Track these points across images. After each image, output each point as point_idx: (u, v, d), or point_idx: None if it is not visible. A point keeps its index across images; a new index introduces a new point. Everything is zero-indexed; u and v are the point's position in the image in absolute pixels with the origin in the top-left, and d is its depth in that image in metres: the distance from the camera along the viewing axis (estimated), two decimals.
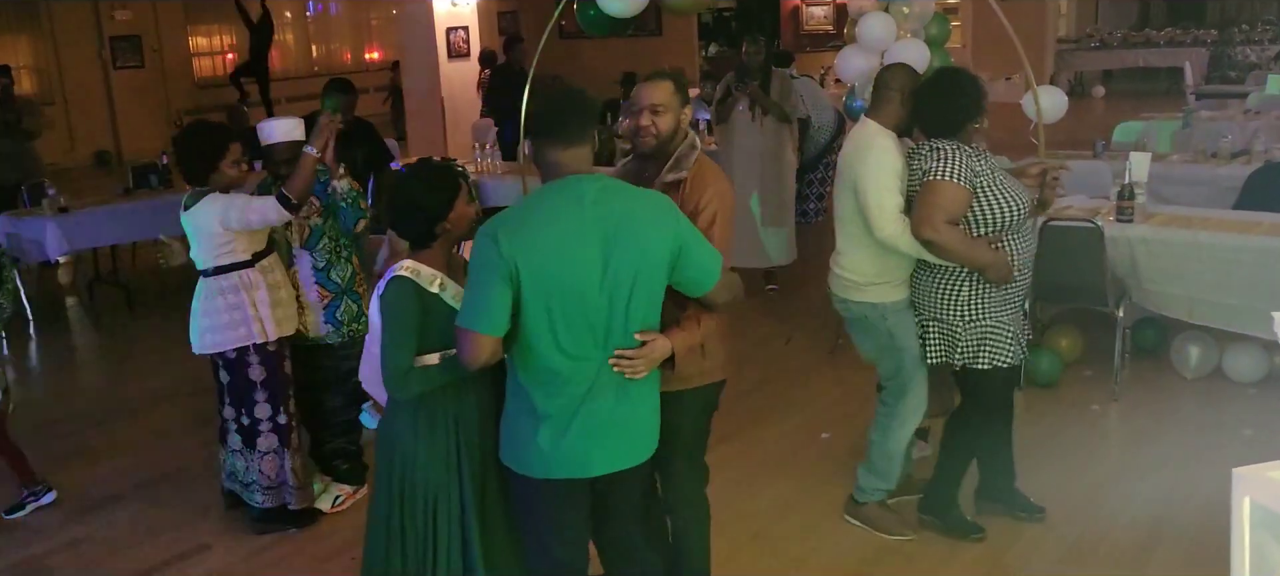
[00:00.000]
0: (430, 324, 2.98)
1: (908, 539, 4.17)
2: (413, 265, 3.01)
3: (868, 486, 4.23)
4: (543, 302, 2.67)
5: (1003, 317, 3.86)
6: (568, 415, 2.76)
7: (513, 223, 2.70)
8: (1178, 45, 17.91)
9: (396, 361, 2.95)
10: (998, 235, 3.76)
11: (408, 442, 3.06)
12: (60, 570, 4.38)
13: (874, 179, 3.81)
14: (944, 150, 3.73)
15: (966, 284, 3.81)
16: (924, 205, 3.72)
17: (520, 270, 2.63)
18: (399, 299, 2.97)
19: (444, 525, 3.09)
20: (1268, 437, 4.85)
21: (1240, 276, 5.13)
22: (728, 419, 5.31)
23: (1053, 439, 5.05)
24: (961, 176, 3.69)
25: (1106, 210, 5.77)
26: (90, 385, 6.71)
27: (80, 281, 9.04)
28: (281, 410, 4.35)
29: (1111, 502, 4.40)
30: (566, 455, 2.79)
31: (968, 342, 3.86)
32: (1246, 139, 7.78)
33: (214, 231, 4.13)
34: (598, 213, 2.70)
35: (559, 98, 2.89)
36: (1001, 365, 3.87)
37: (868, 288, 3.97)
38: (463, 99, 12.37)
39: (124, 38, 16.99)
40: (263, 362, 4.28)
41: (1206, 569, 3.71)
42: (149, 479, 5.14)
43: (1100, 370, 5.66)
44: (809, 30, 20.10)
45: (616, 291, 2.71)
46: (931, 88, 3.87)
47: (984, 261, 3.74)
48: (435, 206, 3.02)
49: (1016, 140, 8.75)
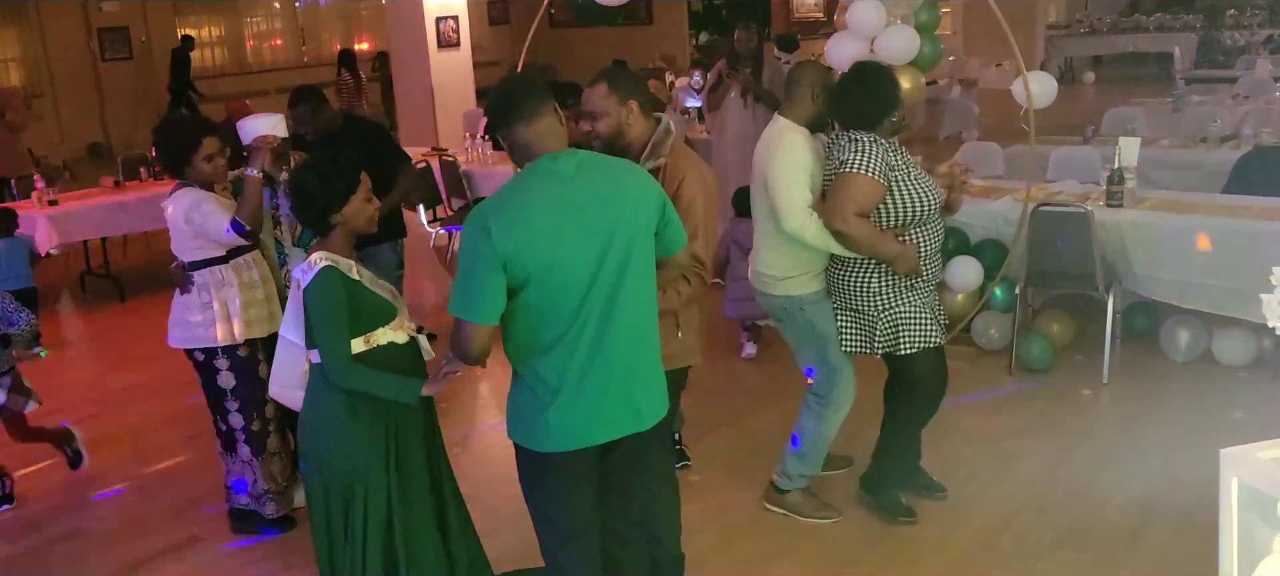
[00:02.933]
0: (355, 309, 3.10)
1: (830, 521, 4.23)
2: (327, 254, 3.11)
3: (794, 472, 4.29)
4: (538, 283, 2.69)
5: (917, 301, 3.94)
6: (579, 384, 2.77)
7: (498, 209, 2.71)
8: (1167, 30, 17.96)
9: (338, 348, 3.07)
10: (902, 227, 3.85)
11: (338, 430, 3.13)
12: (52, 563, 4.38)
13: (781, 175, 3.91)
14: (862, 143, 3.81)
15: (877, 274, 3.90)
16: (836, 196, 3.81)
17: (511, 255, 2.65)
18: (329, 288, 3.07)
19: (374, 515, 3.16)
20: (1257, 419, 4.88)
21: (1229, 260, 5.15)
22: (720, 405, 5.36)
23: (1044, 423, 5.07)
24: (876, 170, 3.78)
25: (1096, 195, 5.79)
26: (81, 378, 6.69)
27: (71, 274, 9.03)
28: (255, 417, 4.25)
29: (1103, 485, 4.42)
30: (581, 423, 2.81)
31: (884, 330, 3.93)
32: (1235, 123, 7.80)
33: (180, 226, 4.08)
34: (580, 186, 2.74)
35: (502, 83, 2.96)
36: (927, 346, 3.95)
37: (785, 281, 4.05)
38: (453, 89, 12.36)
39: (112, 29, 16.93)
40: (232, 368, 4.18)
41: (1197, 549, 3.73)
42: (140, 471, 5.14)
43: (1091, 354, 5.69)
44: (799, 17, 20.09)
45: (613, 259, 2.74)
46: (849, 82, 3.97)
47: (891, 254, 3.82)
48: (327, 199, 3.13)
49: (1007, 126, 8.77)
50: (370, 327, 3.14)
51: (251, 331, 4.17)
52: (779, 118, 4.06)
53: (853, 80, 3.95)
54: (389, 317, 3.21)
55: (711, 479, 4.67)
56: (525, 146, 2.78)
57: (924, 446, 4.39)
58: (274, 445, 4.33)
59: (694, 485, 4.58)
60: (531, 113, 2.77)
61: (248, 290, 4.16)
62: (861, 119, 3.85)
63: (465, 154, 8.98)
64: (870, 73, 3.97)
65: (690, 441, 4.88)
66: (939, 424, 5.07)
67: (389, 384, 3.11)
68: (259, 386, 4.19)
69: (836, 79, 4.11)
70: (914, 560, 3.98)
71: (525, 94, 2.80)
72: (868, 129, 3.84)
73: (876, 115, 3.84)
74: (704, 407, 5.16)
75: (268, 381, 4.19)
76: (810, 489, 4.33)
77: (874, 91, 3.86)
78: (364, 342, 3.13)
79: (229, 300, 4.12)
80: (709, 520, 4.29)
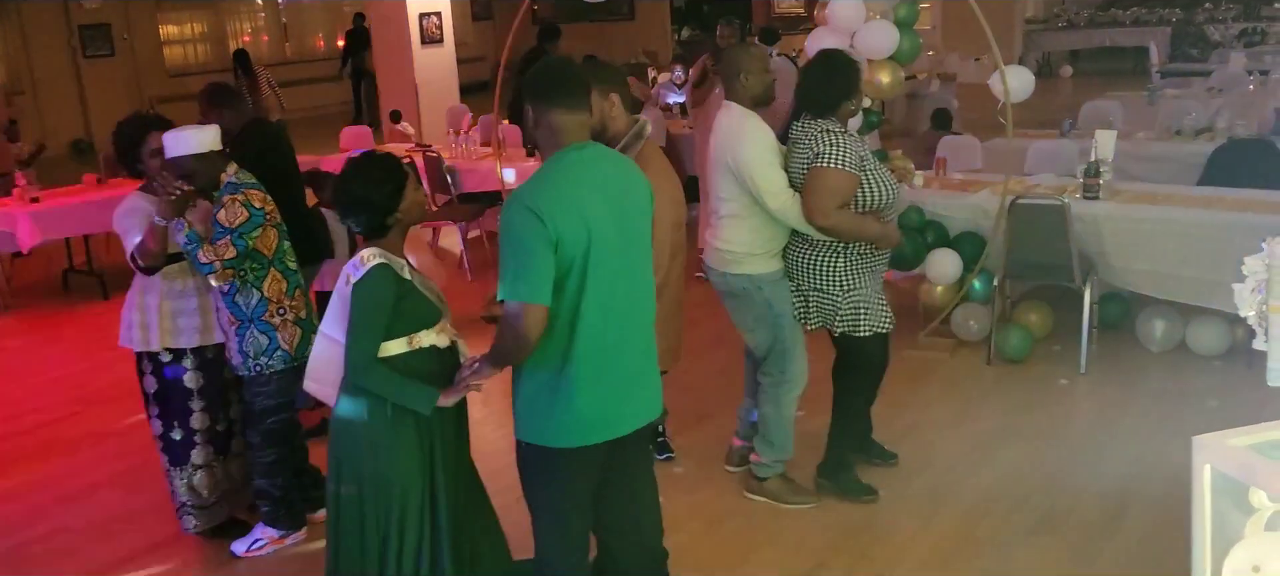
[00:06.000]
0: (404, 310, 3.05)
1: (808, 506, 4.30)
2: (381, 252, 3.05)
3: (767, 458, 4.37)
4: (581, 265, 2.72)
5: (874, 286, 4.12)
6: (598, 375, 2.80)
7: (541, 191, 2.73)
8: (1143, 25, 18.09)
9: (364, 347, 3.00)
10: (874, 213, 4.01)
11: (375, 432, 3.06)
12: (39, 559, 4.38)
13: (756, 160, 4.01)
14: (833, 136, 3.93)
15: (841, 256, 4.03)
16: (816, 193, 3.91)
17: (563, 233, 2.67)
18: (380, 285, 3.01)
19: (413, 519, 3.11)
20: (1232, 407, 4.95)
21: (1204, 251, 5.22)
22: (701, 399, 5.39)
23: (1022, 413, 5.13)
24: (850, 162, 3.91)
25: (1073, 188, 5.85)
26: (64, 375, 6.68)
27: (54, 271, 8.99)
28: (175, 426, 4.14)
29: (1080, 474, 4.49)
30: (601, 415, 2.84)
31: (846, 311, 4.07)
32: (1210, 116, 7.89)
33: (116, 227, 4.03)
34: (605, 172, 2.82)
35: (562, 64, 2.99)
36: (879, 331, 4.12)
37: (745, 260, 4.14)
38: (437, 85, 12.32)
39: (93, 27, 16.81)
40: (154, 372, 4.12)
41: (1173, 535, 3.76)
42: (126, 468, 5.13)
43: (1068, 345, 5.75)
44: (780, 13, 20.14)
45: (632, 246, 2.83)
46: (808, 68, 4.12)
47: (874, 234, 4.01)
48: (382, 199, 3.07)
49: (986, 120, 8.83)
50: (415, 329, 3.10)
51: (177, 341, 4.07)
52: (731, 105, 4.16)
53: (812, 67, 4.12)
54: (434, 321, 3.16)
55: (695, 471, 4.71)
56: (557, 130, 2.80)
57: (902, 438, 4.46)
58: (202, 457, 4.19)
59: (677, 477, 4.62)
60: (577, 103, 2.81)
61: (176, 299, 4.07)
62: (818, 105, 3.99)
63: (450, 150, 8.99)
64: (828, 60, 4.10)
65: (673, 433, 4.93)
66: (918, 413, 5.16)
67: (407, 390, 3.05)
68: (182, 395, 4.12)
69: (758, 52, 4.34)
70: (895, 548, 4.03)
71: (577, 82, 2.83)
72: (824, 115, 3.97)
73: (832, 101, 3.97)
74: (687, 400, 5.20)
75: (200, 391, 4.13)
76: (787, 475, 4.39)
77: (831, 77, 4.00)
78: (407, 344, 3.08)
79: (148, 306, 4.05)
80: (694, 511, 4.33)
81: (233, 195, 3.87)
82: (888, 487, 4.38)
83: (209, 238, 3.83)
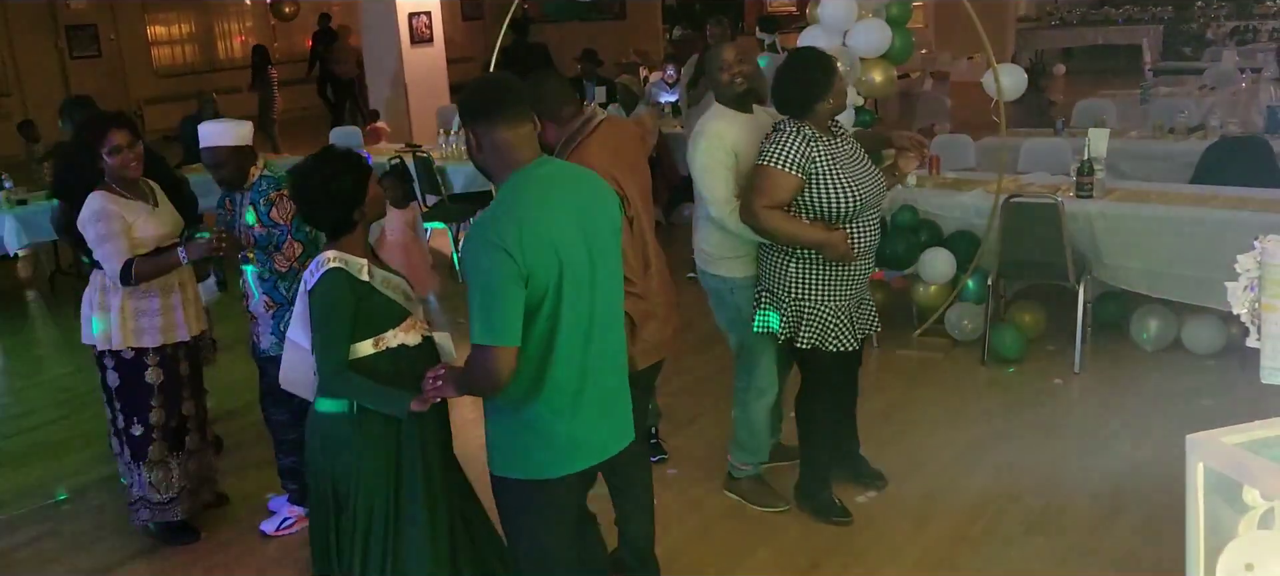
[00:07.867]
0: (363, 312, 2.98)
1: (781, 510, 4.26)
2: (338, 255, 2.98)
3: (739, 460, 4.34)
4: (553, 295, 2.60)
5: (832, 303, 3.86)
6: (574, 402, 2.70)
7: (507, 223, 2.56)
8: (1136, 23, 18.15)
9: (333, 358, 2.94)
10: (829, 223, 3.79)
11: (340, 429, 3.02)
12: (24, 565, 4.33)
13: (703, 166, 3.97)
14: (783, 134, 3.79)
15: (794, 262, 3.85)
16: (747, 190, 3.84)
17: (533, 266, 2.54)
18: (333, 291, 2.94)
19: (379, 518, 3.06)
20: (1226, 406, 4.93)
21: (1197, 249, 5.21)
22: (695, 400, 5.37)
23: (1016, 412, 5.12)
24: (791, 163, 3.73)
25: (1066, 186, 5.84)
26: (53, 379, 6.63)
27: (40, 274, 8.92)
28: (135, 422, 4.14)
29: (1074, 473, 4.47)
30: (580, 441, 2.75)
31: (790, 317, 3.91)
32: (1202, 114, 7.89)
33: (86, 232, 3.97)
34: (565, 192, 2.69)
35: (493, 79, 2.87)
36: (824, 348, 3.89)
37: (719, 261, 4.11)
38: (427, 84, 12.29)
39: (80, 27, 16.74)
40: (117, 368, 4.09)
41: (1166, 534, 3.78)
42: (113, 473, 5.06)
43: (1062, 344, 5.74)
44: (772, 12, 20.11)
45: (601, 265, 2.71)
46: (784, 66, 3.95)
47: (815, 240, 3.76)
48: (351, 190, 3.00)
49: (979, 118, 8.83)
50: (381, 329, 3.02)
51: (140, 340, 4.05)
52: (714, 106, 4.11)
53: (784, 66, 3.94)
54: (400, 319, 3.09)
55: (689, 472, 4.68)
56: (504, 148, 2.64)
57: (896, 438, 4.42)
58: (158, 453, 4.19)
59: (671, 479, 4.59)
60: (518, 115, 2.65)
61: (138, 299, 4.04)
62: (792, 105, 3.82)
63: (440, 150, 8.95)
64: (800, 59, 3.95)
65: (667, 435, 4.90)
66: (911, 413, 5.14)
67: (379, 396, 2.97)
68: (144, 392, 4.12)
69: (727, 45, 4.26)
70: (889, 549, 4.01)
71: (512, 93, 2.68)
72: (799, 115, 3.80)
73: (805, 101, 3.78)
74: (681, 401, 5.18)
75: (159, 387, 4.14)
76: (762, 477, 4.36)
77: (801, 77, 3.80)
78: (373, 345, 3.01)
79: (111, 305, 4.02)
80: (688, 512, 4.31)
81: (278, 191, 3.93)
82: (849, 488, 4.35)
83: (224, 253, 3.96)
